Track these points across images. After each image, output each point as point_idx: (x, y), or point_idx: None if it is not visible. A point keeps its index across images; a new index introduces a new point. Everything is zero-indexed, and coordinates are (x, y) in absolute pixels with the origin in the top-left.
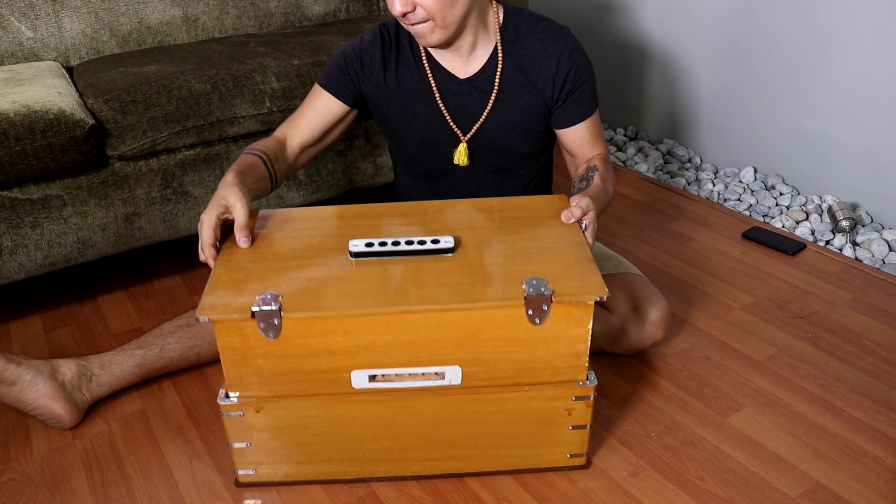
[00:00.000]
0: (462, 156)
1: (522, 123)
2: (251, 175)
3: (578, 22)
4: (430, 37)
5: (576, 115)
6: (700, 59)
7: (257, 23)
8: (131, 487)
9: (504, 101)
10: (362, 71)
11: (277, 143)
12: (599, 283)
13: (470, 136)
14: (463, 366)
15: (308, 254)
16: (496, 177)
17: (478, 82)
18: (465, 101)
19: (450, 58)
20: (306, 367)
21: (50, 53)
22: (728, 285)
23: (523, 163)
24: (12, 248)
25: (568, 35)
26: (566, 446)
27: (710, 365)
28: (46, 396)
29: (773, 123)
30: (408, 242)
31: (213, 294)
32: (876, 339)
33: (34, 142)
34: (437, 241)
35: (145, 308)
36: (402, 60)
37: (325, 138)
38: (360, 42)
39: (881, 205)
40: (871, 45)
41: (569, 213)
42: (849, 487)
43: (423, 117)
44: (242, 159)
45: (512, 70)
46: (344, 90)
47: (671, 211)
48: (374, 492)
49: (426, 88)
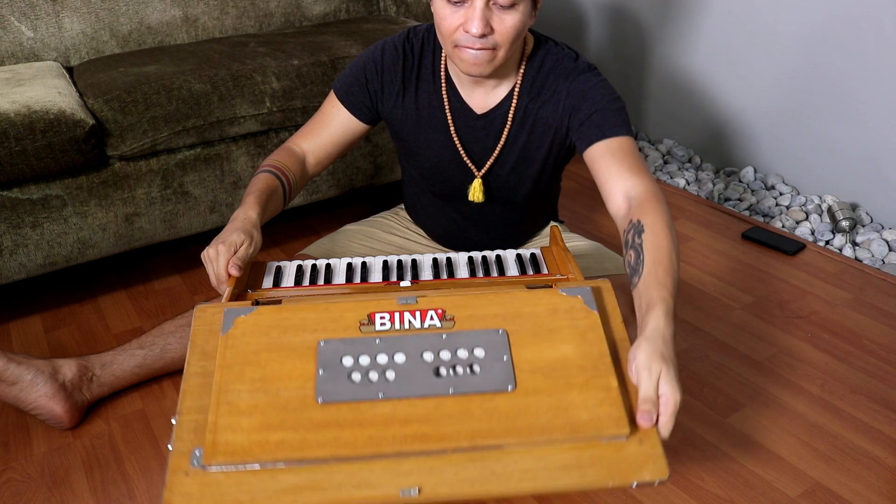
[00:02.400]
0: (477, 192)
1: (533, 161)
2: (270, 202)
3: (577, 22)
4: (486, 66)
5: (593, 134)
6: (700, 58)
7: (257, 23)
8: (131, 487)
9: (516, 139)
10: (382, 90)
11: (296, 162)
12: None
13: (484, 171)
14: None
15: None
16: (503, 208)
17: (492, 118)
18: (479, 136)
19: (472, 90)
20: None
21: (50, 53)
22: (728, 285)
23: (532, 195)
24: (12, 248)
25: (586, 70)
26: None
27: (710, 365)
28: (47, 396)
29: (773, 123)
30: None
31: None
32: (876, 339)
33: (34, 142)
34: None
35: (145, 308)
36: (422, 84)
37: (341, 153)
38: (382, 57)
39: (881, 205)
40: (870, 44)
41: (644, 419)
42: (849, 487)
43: (435, 145)
44: (264, 183)
45: (526, 108)
46: (362, 108)
47: (671, 211)
48: None
49: (441, 118)
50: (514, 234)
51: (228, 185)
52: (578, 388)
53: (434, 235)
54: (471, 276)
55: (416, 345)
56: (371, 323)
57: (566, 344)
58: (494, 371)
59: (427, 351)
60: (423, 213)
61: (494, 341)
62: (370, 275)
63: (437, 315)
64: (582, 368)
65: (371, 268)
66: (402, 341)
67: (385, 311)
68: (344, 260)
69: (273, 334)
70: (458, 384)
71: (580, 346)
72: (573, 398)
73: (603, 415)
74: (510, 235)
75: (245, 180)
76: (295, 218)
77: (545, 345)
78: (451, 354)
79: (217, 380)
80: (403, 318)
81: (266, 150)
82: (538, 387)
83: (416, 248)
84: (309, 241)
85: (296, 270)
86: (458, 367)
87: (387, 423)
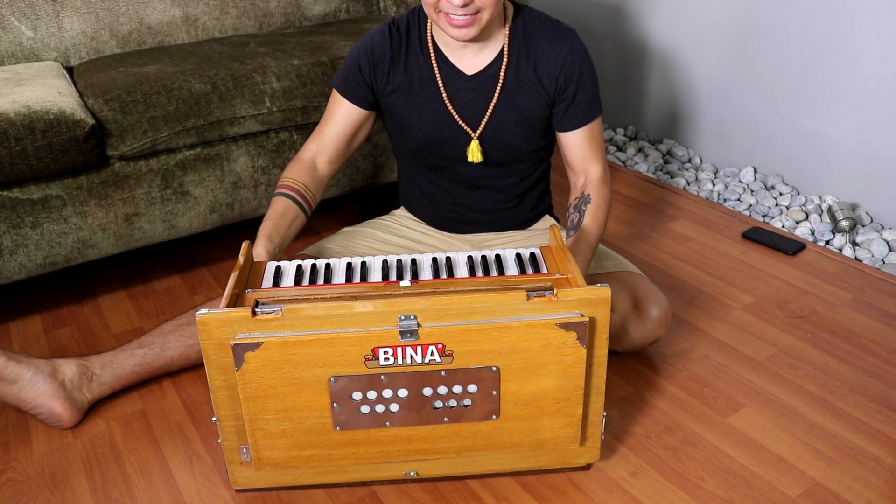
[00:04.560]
0: (476, 153)
1: (525, 120)
2: (283, 225)
3: (578, 22)
4: (471, 30)
5: (577, 119)
6: (700, 58)
7: (257, 23)
8: (131, 487)
9: (508, 97)
10: (374, 72)
11: (308, 172)
12: None
13: (480, 131)
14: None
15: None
16: (497, 171)
17: (483, 78)
18: (472, 97)
19: (460, 54)
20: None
21: (50, 53)
22: (728, 285)
23: (524, 159)
24: (12, 248)
25: (575, 37)
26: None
27: (710, 365)
28: (46, 395)
29: (773, 123)
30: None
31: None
32: (876, 339)
33: (34, 142)
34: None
35: (145, 308)
36: (411, 56)
37: (351, 146)
38: (370, 42)
39: (881, 205)
40: (870, 44)
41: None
42: (849, 487)
43: (428, 113)
44: (276, 209)
45: (517, 66)
46: (361, 94)
47: (671, 211)
48: (374, 492)
49: (433, 86)
50: (508, 208)
51: (228, 185)
52: (550, 415)
53: (431, 220)
54: (470, 276)
55: (417, 381)
56: (375, 358)
57: (549, 378)
58: (484, 405)
59: (427, 387)
60: (419, 196)
61: (487, 378)
62: (370, 274)
63: (437, 350)
64: (557, 400)
65: (371, 267)
66: (405, 378)
67: (388, 345)
68: (343, 259)
69: (285, 370)
70: (452, 415)
71: (561, 380)
72: (543, 423)
73: (563, 435)
74: (504, 209)
75: (245, 180)
76: None
77: (531, 379)
78: (447, 390)
79: (246, 410)
80: (406, 354)
81: (266, 150)
82: (517, 414)
83: (415, 245)
84: (309, 241)
85: (295, 270)
86: (452, 401)
87: (393, 442)
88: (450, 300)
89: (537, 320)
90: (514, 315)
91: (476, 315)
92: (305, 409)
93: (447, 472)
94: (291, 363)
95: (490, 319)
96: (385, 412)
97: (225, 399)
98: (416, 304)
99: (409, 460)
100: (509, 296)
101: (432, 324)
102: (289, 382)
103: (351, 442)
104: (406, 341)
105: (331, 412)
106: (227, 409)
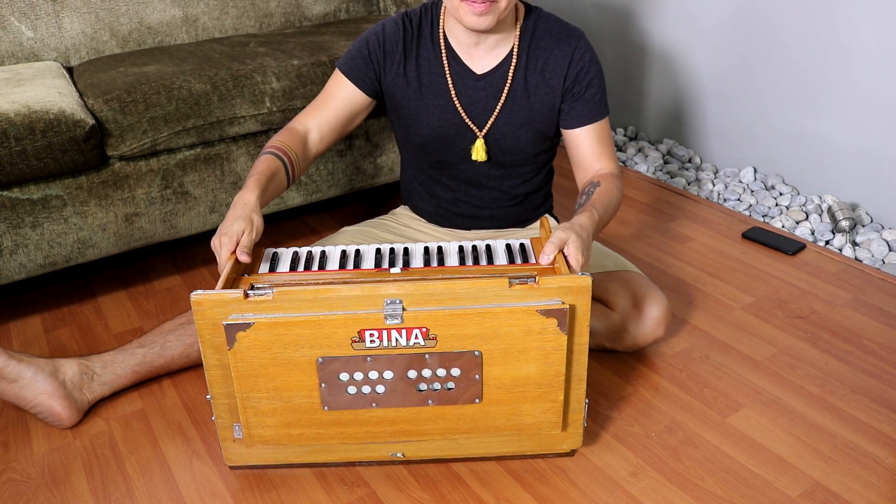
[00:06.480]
0: (480, 151)
1: (531, 122)
2: (271, 184)
3: (578, 22)
4: (486, 18)
5: (584, 116)
6: (701, 59)
7: (257, 23)
8: (131, 487)
9: (516, 98)
10: (384, 60)
11: (299, 140)
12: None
13: (486, 130)
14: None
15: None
16: (500, 172)
17: (493, 78)
18: (480, 96)
19: (471, 52)
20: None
21: (50, 53)
22: (728, 285)
23: (527, 161)
24: (12, 248)
25: (582, 36)
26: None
27: (710, 365)
28: (46, 394)
29: (773, 123)
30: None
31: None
32: (875, 339)
33: (34, 142)
34: None
35: (145, 308)
36: (422, 52)
37: (344, 130)
38: (384, 30)
39: (881, 205)
40: (870, 45)
41: (545, 257)
42: (849, 487)
43: (435, 110)
44: (265, 165)
45: (526, 67)
46: (365, 79)
47: (671, 211)
48: (374, 492)
49: (442, 83)
50: (509, 206)
51: (228, 185)
52: (531, 400)
53: (431, 215)
54: (460, 265)
55: (402, 363)
56: (361, 340)
57: (531, 364)
58: (467, 388)
59: (412, 369)
60: (421, 191)
61: (470, 362)
62: (363, 261)
63: (421, 334)
64: (538, 385)
65: (364, 255)
66: (390, 360)
67: (374, 328)
68: (338, 247)
69: (275, 350)
70: (436, 398)
71: (542, 365)
72: (525, 408)
73: (544, 420)
74: (505, 207)
75: (245, 180)
76: (295, 217)
77: (513, 364)
78: (431, 373)
79: (237, 388)
80: (391, 336)
81: None
82: (500, 399)
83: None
84: (309, 241)
85: (291, 256)
86: (437, 384)
87: (379, 423)
88: (434, 285)
89: (518, 306)
90: (496, 301)
91: (459, 301)
92: (295, 389)
93: (432, 454)
94: (281, 343)
95: (473, 305)
96: (371, 393)
97: (218, 377)
98: (401, 288)
99: (395, 441)
100: (492, 282)
101: (417, 308)
102: (279, 362)
103: (338, 421)
104: (391, 324)
105: (319, 392)
106: (220, 388)
